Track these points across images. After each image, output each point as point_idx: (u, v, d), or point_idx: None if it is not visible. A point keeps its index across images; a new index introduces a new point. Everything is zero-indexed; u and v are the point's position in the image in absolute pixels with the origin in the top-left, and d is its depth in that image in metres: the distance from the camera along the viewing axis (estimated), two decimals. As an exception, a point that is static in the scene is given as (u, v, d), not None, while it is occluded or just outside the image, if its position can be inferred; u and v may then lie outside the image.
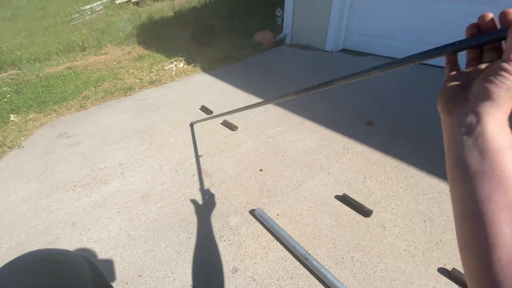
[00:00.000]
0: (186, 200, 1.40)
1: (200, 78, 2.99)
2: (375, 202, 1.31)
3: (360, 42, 3.25)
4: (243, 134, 1.92)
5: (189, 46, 4.12)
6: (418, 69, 2.69)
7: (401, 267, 1.03)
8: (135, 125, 2.13)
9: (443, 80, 0.39)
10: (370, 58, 3.11)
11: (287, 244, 1.10)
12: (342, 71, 2.85)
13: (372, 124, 1.90)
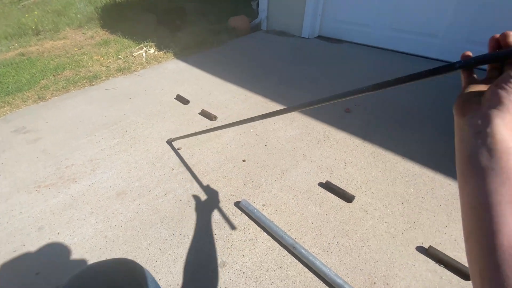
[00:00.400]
0: (166, 195, 1.33)
1: (173, 65, 2.82)
2: (357, 187, 1.35)
3: (336, 29, 3.26)
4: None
5: (159, 31, 3.86)
6: (392, 57, 2.77)
7: (383, 248, 1.07)
8: (104, 117, 1.97)
9: (416, 67, 0.39)
10: (346, 45, 3.15)
11: (274, 234, 1.09)
12: (320, 58, 2.85)
13: (349, 111, 1.93)
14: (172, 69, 2.74)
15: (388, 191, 1.32)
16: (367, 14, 2.92)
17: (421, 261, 1.02)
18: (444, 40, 2.52)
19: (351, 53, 2.92)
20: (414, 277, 0.97)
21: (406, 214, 1.21)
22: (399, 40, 2.78)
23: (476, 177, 0.31)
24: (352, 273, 0.99)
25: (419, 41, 2.66)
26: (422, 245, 1.07)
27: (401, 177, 1.40)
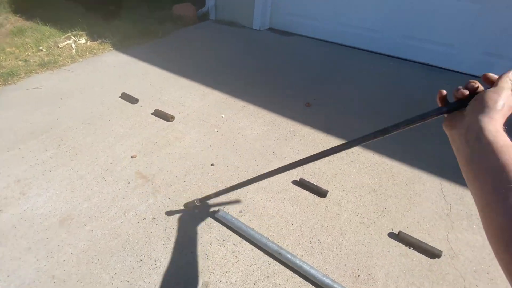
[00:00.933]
0: (125, 215, 1.15)
1: (114, 58, 2.46)
2: (328, 181, 1.38)
3: (286, 22, 3.28)
4: (182, 125, 1.69)
5: (89, 17, 3.31)
6: (339, 50, 2.92)
7: (361, 239, 1.12)
8: (30, 125, 1.59)
9: (360, 60, 0.44)
10: (296, 37, 3.19)
11: (257, 242, 1.04)
12: (271, 51, 2.83)
13: (310, 105, 1.96)
14: (112, 63, 2.38)
15: (356, 182, 1.38)
16: (315, 8, 2.99)
17: (394, 246, 1.10)
18: (384, 34, 2.75)
19: (301, 46, 2.98)
20: (390, 263, 1.04)
21: (375, 202, 1.28)
22: (345, 34, 2.94)
23: (478, 180, 0.35)
24: (337, 269, 1.01)
25: (363, 35, 2.85)
26: (393, 231, 1.15)
27: (365, 167, 1.48)
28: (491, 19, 2.25)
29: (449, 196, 1.32)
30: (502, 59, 2.34)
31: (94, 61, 2.40)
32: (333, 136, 1.68)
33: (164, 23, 3.34)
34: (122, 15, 3.53)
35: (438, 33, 2.49)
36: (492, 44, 2.33)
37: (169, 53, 2.64)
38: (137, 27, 3.12)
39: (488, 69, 2.17)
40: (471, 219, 1.22)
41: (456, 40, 2.45)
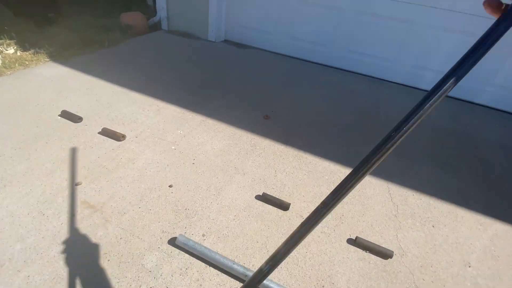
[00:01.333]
0: (71, 254, 1.01)
1: (51, 71, 2.20)
2: (289, 193, 1.41)
3: (241, 34, 3.33)
4: (135, 144, 1.57)
5: (19, 24, 2.93)
6: (291, 62, 3.06)
7: (323, 249, 1.16)
8: None
9: (308, 71, 0.40)
10: (252, 50, 3.26)
11: (223, 266, 1.00)
12: (228, 63, 2.84)
13: (268, 117, 2.01)
14: (50, 76, 2.13)
15: (315, 192, 1.44)
16: (268, 22, 3.11)
17: (353, 252, 1.16)
18: (331, 48, 2.97)
19: (256, 59, 3.05)
20: (350, 269, 1.09)
21: (333, 211, 1.34)
22: (297, 47, 3.10)
23: None
24: (302, 282, 1.03)
25: (313, 49, 3.04)
26: (351, 237, 1.22)
27: (322, 176, 1.55)
28: (417, 37, 2.60)
29: (396, 197, 1.46)
30: (428, 71, 2.71)
31: (26, 74, 2.11)
32: (291, 148, 1.74)
33: (111, 32, 3.12)
34: (60, 22, 3.20)
35: (376, 48, 2.79)
36: (419, 59, 2.69)
37: (117, 64, 2.46)
38: (79, 36, 2.86)
39: (418, 80, 2.49)
40: (414, 217, 1.36)
41: (391, 54, 2.77)
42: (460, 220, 1.39)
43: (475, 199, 1.53)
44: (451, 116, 2.41)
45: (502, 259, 1.24)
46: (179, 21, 3.40)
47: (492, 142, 2.13)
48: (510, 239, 1.33)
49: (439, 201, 1.48)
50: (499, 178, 1.74)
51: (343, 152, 1.76)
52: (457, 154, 1.91)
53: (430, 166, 1.74)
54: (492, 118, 2.51)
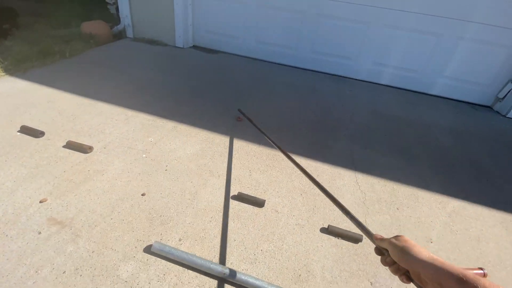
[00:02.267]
0: (38, 272, 0.96)
1: (7, 85, 2.07)
2: (264, 190, 1.45)
3: (209, 40, 3.35)
4: (103, 155, 1.53)
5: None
6: (259, 65, 3.14)
7: (298, 240, 1.21)
8: None
9: (277, 73, 0.47)
10: (221, 55, 3.30)
11: (201, 267, 1.01)
12: (197, 68, 2.85)
13: (241, 119, 2.04)
14: (5, 91, 2.00)
15: (288, 187, 1.49)
16: (235, 27, 3.16)
17: (326, 240, 1.22)
18: (296, 50, 3.09)
19: (226, 63, 3.09)
20: (324, 256, 1.15)
21: (306, 203, 1.41)
22: (264, 50, 3.19)
23: None
24: (280, 274, 1.06)
25: (279, 51, 3.14)
26: (323, 226, 1.29)
27: (294, 172, 1.61)
28: (374, 36, 2.79)
29: (363, 186, 1.55)
30: (387, 67, 2.91)
31: (-24, 90, 1.97)
32: (264, 147, 1.78)
33: (72, 42, 2.99)
34: (16, 34, 3.02)
35: (338, 48, 2.95)
36: (377, 56, 2.88)
37: (81, 75, 2.37)
38: (37, 47, 2.71)
39: (378, 76, 2.67)
40: (380, 202, 1.46)
41: (352, 54, 2.94)
42: (421, 201, 1.52)
43: (434, 181, 1.68)
44: (408, 108, 2.61)
45: (460, 232, 1.37)
46: (145, 28, 3.35)
47: (446, 128, 2.33)
48: (466, 214, 1.48)
49: (402, 186, 1.60)
50: (454, 159, 1.92)
51: (311, 146, 1.84)
52: (416, 142, 2.07)
53: (393, 155, 1.87)
54: (445, 106, 2.75)
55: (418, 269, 0.47)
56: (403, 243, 0.51)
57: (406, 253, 0.49)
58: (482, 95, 2.81)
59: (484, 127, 2.46)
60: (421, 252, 0.48)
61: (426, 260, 0.47)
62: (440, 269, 0.44)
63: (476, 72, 2.70)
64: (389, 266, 0.54)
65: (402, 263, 0.50)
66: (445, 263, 0.45)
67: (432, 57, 2.73)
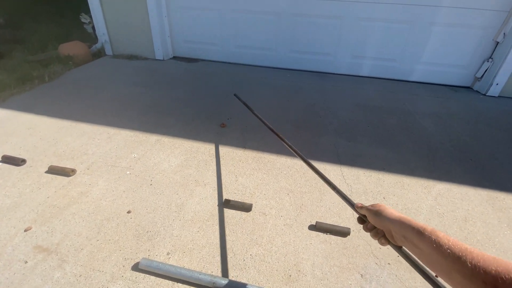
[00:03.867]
0: (25, 303, 0.95)
1: (-16, 117, 2.04)
2: (251, 194, 1.45)
3: (188, 49, 3.37)
4: (87, 177, 1.52)
5: None
6: (238, 69, 3.15)
7: (287, 240, 1.21)
8: None
9: (255, 74, 0.48)
10: (202, 63, 3.31)
11: (189, 279, 1.01)
12: (178, 79, 2.86)
13: (225, 125, 2.05)
14: (-17, 122, 1.97)
15: (275, 188, 1.50)
16: (212, 34, 3.18)
17: (314, 237, 1.23)
18: (275, 51, 3.12)
19: (207, 71, 3.10)
20: (314, 253, 1.16)
21: (293, 202, 1.42)
22: (244, 54, 3.21)
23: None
24: (271, 276, 1.07)
25: (259, 54, 3.17)
26: (311, 223, 1.29)
27: (280, 172, 1.62)
28: (350, 30, 2.83)
29: (349, 178, 1.57)
30: (365, 59, 2.95)
31: (-46, 124, 1.94)
32: (249, 150, 1.79)
33: (50, 65, 2.98)
34: (-9, 63, 2.98)
35: (316, 45, 2.98)
36: (355, 49, 2.92)
37: (61, 98, 2.35)
38: (15, 75, 2.69)
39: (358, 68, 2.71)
40: (366, 193, 1.47)
41: (331, 49, 2.98)
42: (407, 187, 1.54)
43: (418, 167, 1.70)
44: (390, 96, 2.65)
45: (447, 215, 1.39)
46: (123, 44, 3.35)
47: (427, 113, 2.37)
48: (451, 196, 1.50)
49: (387, 175, 1.62)
50: (437, 143, 1.95)
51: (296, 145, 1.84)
52: (399, 129, 2.10)
53: (376, 145, 1.90)
54: (425, 92, 2.80)
55: (389, 227, 0.54)
56: (377, 207, 0.59)
57: (379, 215, 0.57)
58: (461, 76, 2.87)
59: (465, 108, 2.51)
60: (392, 213, 0.55)
61: (394, 218, 0.54)
62: (403, 223, 0.51)
63: (452, 55, 2.76)
64: (370, 231, 0.61)
65: (377, 224, 0.58)
66: (409, 219, 0.51)
67: (407, 45, 2.78)
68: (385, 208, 0.58)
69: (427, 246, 0.44)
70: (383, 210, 0.57)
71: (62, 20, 4.61)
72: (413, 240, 0.48)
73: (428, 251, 0.44)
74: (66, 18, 4.64)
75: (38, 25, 4.24)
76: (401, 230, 0.51)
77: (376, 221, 0.58)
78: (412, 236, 0.48)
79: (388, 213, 0.56)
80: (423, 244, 0.45)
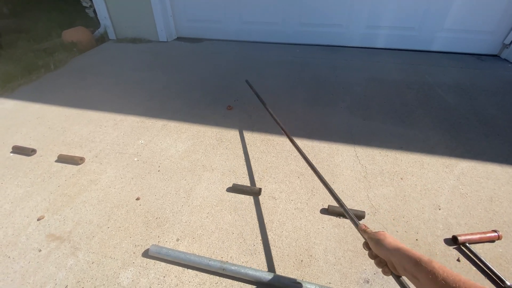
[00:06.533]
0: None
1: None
2: (260, 178, 1.41)
3: (192, 29, 3.23)
4: (95, 164, 1.51)
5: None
6: (244, 46, 3.01)
7: (298, 224, 1.17)
8: None
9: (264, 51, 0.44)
10: (206, 43, 3.18)
11: (199, 265, 1.00)
12: (183, 60, 2.76)
13: (231, 108, 1.98)
14: (-7, 114, 2.00)
15: (285, 171, 1.44)
16: (216, 10, 3.02)
17: (327, 221, 1.18)
18: (282, 26, 2.93)
19: (212, 50, 2.98)
20: (326, 238, 1.11)
21: (304, 185, 1.36)
22: (250, 31, 3.04)
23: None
24: (282, 262, 1.04)
25: (265, 29, 2.99)
26: (323, 207, 1.24)
27: (290, 154, 1.55)
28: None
29: (363, 159, 1.48)
30: (381, 29, 2.73)
31: (-33, 117, 1.97)
32: (257, 133, 1.72)
33: (55, 53, 2.95)
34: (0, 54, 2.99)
35: (327, 17, 2.77)
36: (370, 18, 2.69)
37: (67, 86, 2.34)
38: (21, 64, 2.68)
39: (373, 40, 2.50)
40: (383, 174, 1.39)
41: (342, 20, 2.76)
42: (426, 167, 1.44)
43: (439, 144, 1.59)
44: (409, 69, 2.46)
45: (470, 194, 1.30)
46: (126, 28, 3.25)
47: (450, 85, 2.19)
48: (476, 175, 1.39)
49: (405, 154, 1.52)
50: (460, 118, 1.81)
51: (307, 125, 1.76)
52: (418, 104, 1.96)
53: (394, 122, 1.78)
54: (448, 62, 2.58)
55: (389, 257, 0.53)
56: (378, 236, 0.58)
57: (380, 244, 0.56)
58: (488, 44, 2.61)
59: (492, 78, 2.30)
60: (390, 243, 0.55)
61: (393, 248, 0.53)
62: (402, 255, 0.50)
63: (478, 20, 2.49)
64: (374, 259, 0.60)
65: (378, 253, 0.57)
66: (407, 250, 0.51)
67: (428, 10, 2.53)
68: (385, 236, 0.57)
69: (424, 277, 0.45)
70: (383, 240, 0.56)
71: (65, 7, 4.53)
72: (412, 271, 0.48)
73: (425, 282, 0.45)
74: (69, 4, 4.55)
75: (42, 13, 4.19)
76: (400, 260, 0.51)
77: (377, 250, 0.57)
78: (410, 266, 0.48)
79: (387, 242, 0.55)
80: (420, 275, 0.46)
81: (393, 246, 0.54)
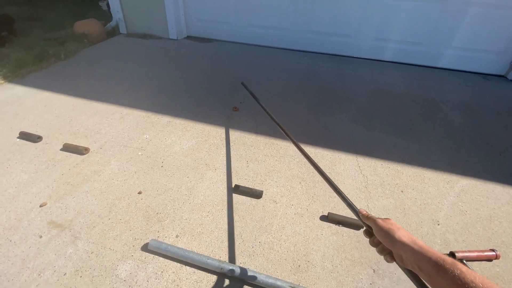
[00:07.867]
0: (41, 275, 0.98)
1: (5, 93, 2.09)
2: (262, 181, 1.42)
3: (202, 28, 3.26)
4: (100, 155, 1.53)
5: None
6: (253, 50, 3.03)
7: (297, 229, 1.18)
8: None
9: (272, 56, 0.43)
10: (215, 43, 3.21)
11: (197, 263, 1.00)
12: (192, 59, 2.79)
13: (237, 109, 2.00)
14: (5, 99, 2.02)
15: (287, 175, 1.46)
16: (227, 12, 3.05)
17: (326, 228, 1.19)
18: (291, 32, 2.96)
19: (220, 51, 3.01)
20: (325, 245, 1.12)
21: (305, 191, 1.37)
22: (259, 35, 3.08)
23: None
24: (279, 265, 1.05)
25: (274, 34, 3.02)
26: (323, 214, 1.25)
27: (293, 159, 1.57)
28: (375, 9, 2.63)
29: (365, 169, 1.50)
30: (389, 42, 2.76)
31: (-24, 100, 2.00)
32: (262, 136, 1.74)
33: (66, 43, 2.98)
34: (13, 41, 3.02)
35: (336, 26, 2.80)
36: (379, 31, 2.72)
37: (76, 76, 2.36)
38: (33, 52, 2.71)
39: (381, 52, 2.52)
40: (383, 185, 1.40)
41: (351, 30, 2.79)
42: (427, 181, 1.45)
43: (441, 160, 1.60)
44: (415, 83, 2.48)
45: (470, 212, 1.30)
46: (137, 23, 3.29)
47: (455, 102, 2.21)
48: (476, 193, 1.40)
49: (407, 167, 1.53)
50: (463, 135, 1.82)
51: (311, 132, 1.78)
52: (422, 119, 1.97)
53: (397, 135, 1.79)
54: (454, 79, 2.60)
55: (400, 251, 0.49)
56: (389, 225, 0.53)
57: (391, 236, 0.51)
58: (495, 63, 2.63)
59: (498, 99, 2.31)
60: (404, 235, 0.50)
61: (407, 243, 0.48)
62: (418, 252, 0.46)
63: (486, 40, 2.52)
64: (376, 246, 0.57)
65: (385, 243, 0.53)
66: (424, 247, 0.46)
67: (438, 27, 2.55)
68: (397, 228, 0.52)
69: (448, 282, 0.40)
70: (395, 231, 0.51)
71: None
72: (430, 273, 0.43)
73: (448, 286, 0.40)
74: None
75: (55, 3, 4.24)
76: (415, 259, 0.46)
77: (386, 240, 0.52)
78: (429, 267, 0.43)
79: (400, 235, 0.50)
80: (442, 279, 0.41)
81: (408, 241, 0.48)
